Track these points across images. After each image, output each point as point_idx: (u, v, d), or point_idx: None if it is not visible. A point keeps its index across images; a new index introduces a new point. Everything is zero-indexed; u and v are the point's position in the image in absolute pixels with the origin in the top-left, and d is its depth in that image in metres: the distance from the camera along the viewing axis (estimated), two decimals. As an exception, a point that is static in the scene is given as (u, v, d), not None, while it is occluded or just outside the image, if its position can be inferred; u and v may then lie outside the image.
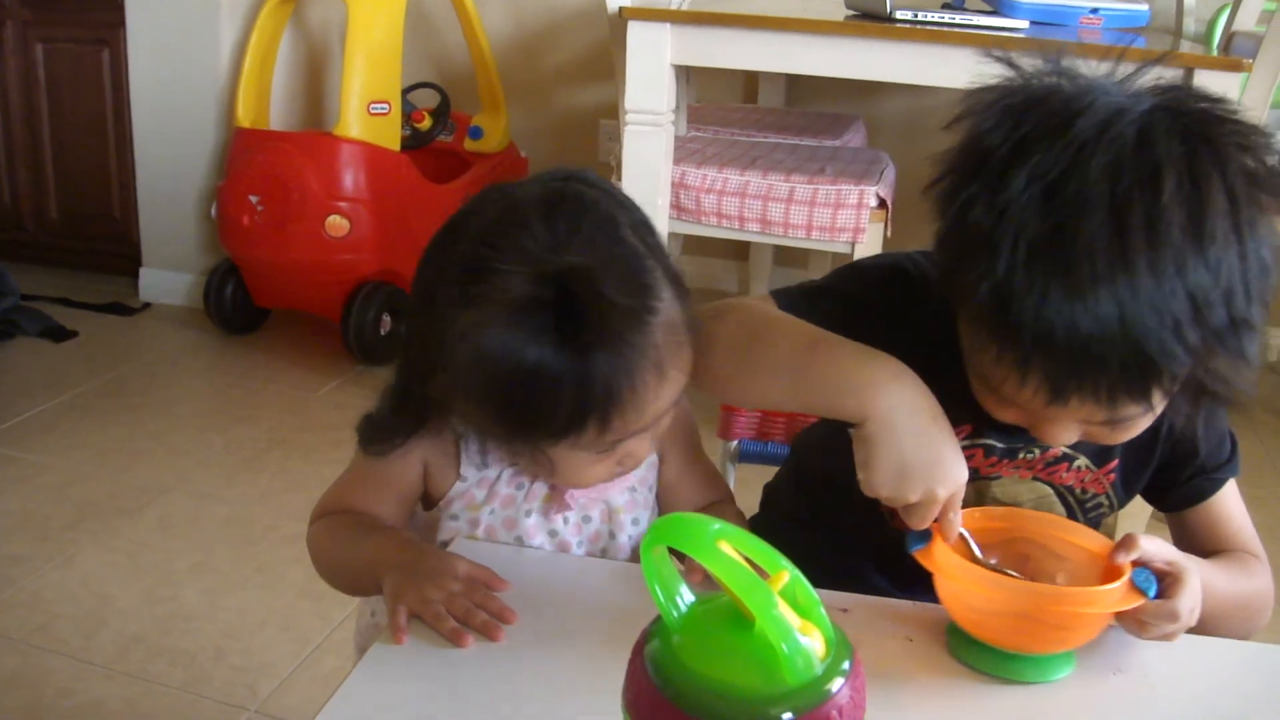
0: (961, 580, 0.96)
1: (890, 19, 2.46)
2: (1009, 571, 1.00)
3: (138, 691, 2.03)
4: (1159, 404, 0.96)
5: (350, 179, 3.37)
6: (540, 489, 1.14)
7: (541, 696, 0.88)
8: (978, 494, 1.17)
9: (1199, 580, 0.97)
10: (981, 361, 0.99)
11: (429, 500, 1.17)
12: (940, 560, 0.98)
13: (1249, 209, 0.90)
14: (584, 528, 1.15)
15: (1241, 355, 0.92)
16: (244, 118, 3.57)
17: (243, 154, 3.48)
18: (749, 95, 4.16)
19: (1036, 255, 0.89)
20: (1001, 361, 0.95)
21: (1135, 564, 0.96)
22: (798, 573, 0.67)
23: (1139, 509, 2.67)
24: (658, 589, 0.67)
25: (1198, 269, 0.87)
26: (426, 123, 3.75)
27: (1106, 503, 1.21)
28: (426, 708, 0.87)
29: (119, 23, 3.78)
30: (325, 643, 2.19)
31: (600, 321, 0.94)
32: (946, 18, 2.44)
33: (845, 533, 1.26)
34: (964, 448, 1.02)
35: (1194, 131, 0.90)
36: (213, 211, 3.58)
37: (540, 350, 0.93)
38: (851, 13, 2.66)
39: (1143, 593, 0.94)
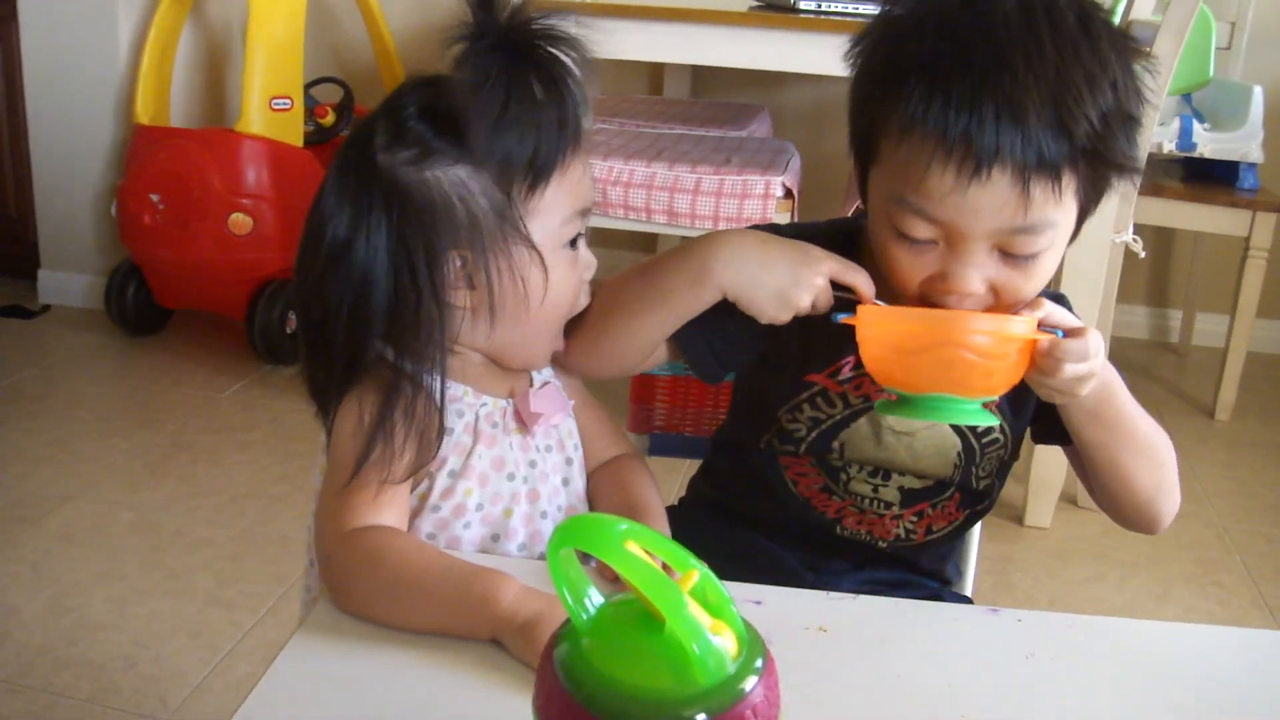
0: (883, 321, 1.04)
1: (794, 9, 2.47)
2: None
3: (44, 705, 1.99)
4: (1068, 201, 1.03)
5: (253, 176, 3.33)
6: (510, 421, 1.15)
7: (454, 702, 0.87)
8: (872, 424, 1.22)
9: (1101, 340, 1.04)
10: (901, 176, 1.04)
11: None
12: (861, 313, 1.05)
13: (1122, 39, 1.04)
14: (548, 458, 1.18)
15: (1129, 144, 1.04)
16: (143, 114, 3.50)
17: (143, 151, 3.42)
18: (654, 87, 4.16)
19: (959, 33, 1.00)
20: (925, 145, 1.00)
21: (1041, 323, 1.03)
22: (708, 571, 0.66)
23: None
24: (565, 591, 0.66)
25: (1090, 58, 1.00)
26: (330, 118, 3.71)
27: (996, 428, 1.22)
28: (339, 714, 0.86)
29: (11, 16, 3.68)
30: (236, 649, 2.16)
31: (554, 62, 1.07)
32: (850, 8, 2.46)
33: (757, 517, 1.30)
34: (854, 376, 1.18)
35: None
36: (113, 210, 3.52)
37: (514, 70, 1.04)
38: (756, 3, 2.67)
39: (1051, 333, 1.02)
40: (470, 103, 1.03)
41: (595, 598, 0.67)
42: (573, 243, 1.13)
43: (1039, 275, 1.06)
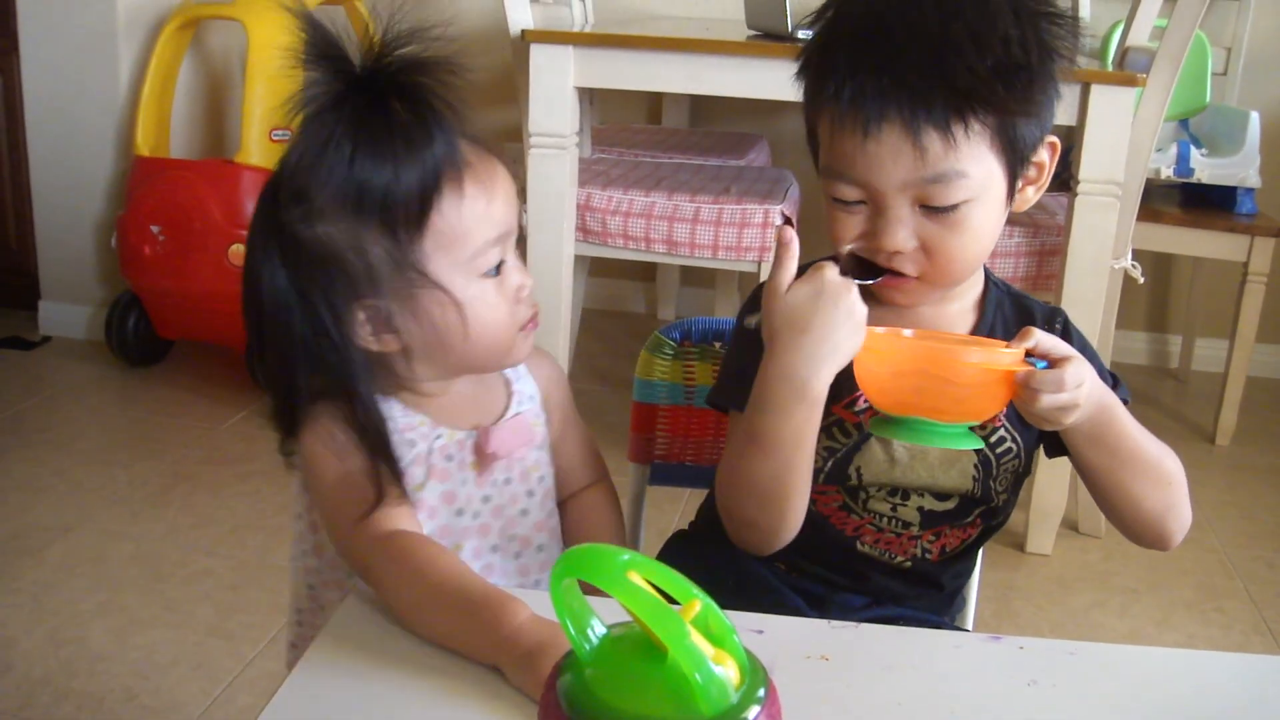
0: (878, 345, 1.06)
1: (792, 38, 2.49)
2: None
3: (43, 737, 1.98)
4: (975, 151, 1.07)
5: (253, 207, 3.31)
6: (467, 455, 1.14)
7: (456, 732, 0.87)
8: (883, 445, 1.22)
9: (1089, 370, 1.06)
10: (826, 149, 1.13)
11: None
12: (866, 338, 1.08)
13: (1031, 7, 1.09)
14: (505, 490, 1.17)
15: (1025, 93, 1.08)
16: (143, 146, 3.51)
17: (143, 183, 3.43)
18: (653, 116, 4.17)
19: (849, 16, 1.12)
20: (833, 116, 1.09)
21: (1030, 353, 1.05)
22: (710, 601, 0.66)
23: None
24: (568, 622, 0.66)
25: (975, 15, 1.06)
26: (330, 149, 3.71)
27: (1009, 438, 1.23)
28: (339, 748, 0.85)
29: (12, 49, 3.69)
30: (237, 680, 2.15)
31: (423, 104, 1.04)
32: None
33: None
34: (869, 406, 1.14)
35: None
36: (113, 242, 3.52)
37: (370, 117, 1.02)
38: (753, 33, 2.68)
39: (1032, 365, 1.04)
40: (318, 161, 1.01)
41: (598, 628, 0.67)
42: (497, 268, 1.10)
43: (967, 231, 1.10)
